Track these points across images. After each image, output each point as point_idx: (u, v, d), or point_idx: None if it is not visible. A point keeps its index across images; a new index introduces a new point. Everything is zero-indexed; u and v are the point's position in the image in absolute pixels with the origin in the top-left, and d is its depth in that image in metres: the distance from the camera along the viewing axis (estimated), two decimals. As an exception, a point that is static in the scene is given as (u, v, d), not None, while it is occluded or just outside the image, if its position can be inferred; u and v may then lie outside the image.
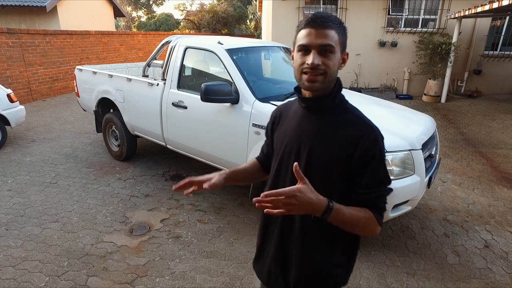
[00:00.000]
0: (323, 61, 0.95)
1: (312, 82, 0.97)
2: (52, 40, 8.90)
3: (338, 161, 1.00)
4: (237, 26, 27.45)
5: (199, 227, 3.02)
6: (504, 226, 3.10)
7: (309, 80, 0.97)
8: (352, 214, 0.97)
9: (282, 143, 1.12)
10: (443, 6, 8.81)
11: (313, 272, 1.10)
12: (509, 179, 4.08)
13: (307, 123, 1.07)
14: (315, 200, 0.90)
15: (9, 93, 4.99)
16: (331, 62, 0.96)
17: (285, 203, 0.87)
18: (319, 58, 0.95)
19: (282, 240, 1.14)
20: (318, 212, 0.92)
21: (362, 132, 0.99)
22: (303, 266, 1.10)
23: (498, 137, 5.72)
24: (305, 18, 0.99)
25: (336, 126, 1.02)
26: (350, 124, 1.02)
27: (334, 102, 1.04)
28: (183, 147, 3.57)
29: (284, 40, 6.63)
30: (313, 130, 1.04)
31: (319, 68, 0.95)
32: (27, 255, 2.60)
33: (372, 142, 0.99)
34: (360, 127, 1.01)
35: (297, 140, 1.07)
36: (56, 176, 4.02)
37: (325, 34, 0.95)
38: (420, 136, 2.68)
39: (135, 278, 2.39)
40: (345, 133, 1.00)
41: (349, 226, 0.99)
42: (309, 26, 0.96)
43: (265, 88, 3.30)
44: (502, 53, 9.10)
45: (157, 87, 3.65)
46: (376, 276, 2.45)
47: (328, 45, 0.95)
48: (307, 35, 0.96)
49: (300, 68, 0.98)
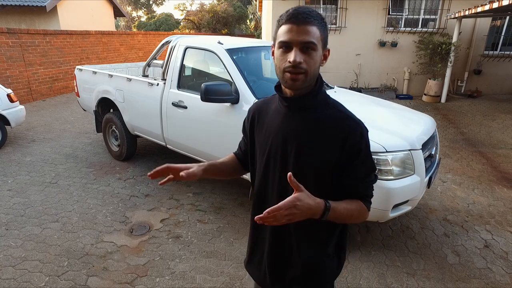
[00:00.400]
0: (304, 59, 0.93)
1: (294, 81, 0.95)
2: (52, 40, 8.90)
3: (327, 158, 1.00)
4: (237, 26, 27.45)
5: (199, 227, 3.02)
6: (504, 226, 3.10)
7: (291, 79, 0.95)
8: (346, 208, 1.00)
9: (266, 144, 1.10)
10: (443, 6, 8.82)
11: (309, 266, 1.12)
12: (509, 179, 4.08)
13: (291, 122, 1.05)
14: (314, 204, 0.91)
15: (9, 93, 4.99)
16: (312, 61, 0.94)
17: (286, 215, 0.88)
18: (301, 56, 0.93)
19: (275, 238, 1.14)
20: (317, 215, 0.93)
21: (348, 127, 1.00)
22: (299, 262, 1.11)
23: (498, 137, 5.72)
24: (286, 13, 0.96)
25: (321, 123, 1.02)
26: (335, 120, 1.01)
27: (316, 99, 1.03)
28: (183, 147, 3.57)
29: (284, 40, 6.61)
30: (298, 129, 1.03)
31: (300, 67, 0.93)
32: (27, 255, 2.60)
33: (359, 136, 0.99)
34: (345, 123, 1.01)
35: (283, 140, 1.05)
36: (56, 176, 4.02)
37: (307, 30, 0.92)
38: (420, 136, 2.68)
39: (135, 278, 2.39)
40: (331, 130, 1.00)
41: (343, 220, 1.03)
42: (290, 22, 0.94)
43: (265, 88, 3.30)
44: (502, 53, 9.10)
45: (157, 87, 3.65)
46: (376, 276, 2.45)
47: (310, 42, 0.92)
48: (288, 31, 0.93)
49: (282, 66, 0.96)
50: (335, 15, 9.02)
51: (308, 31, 0.92)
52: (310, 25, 0.93)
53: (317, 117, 1.03)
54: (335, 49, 8.59)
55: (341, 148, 0.99)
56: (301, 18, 0.93)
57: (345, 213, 1.00)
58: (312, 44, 0.93)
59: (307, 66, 0.94)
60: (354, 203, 1.03)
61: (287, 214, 0.87)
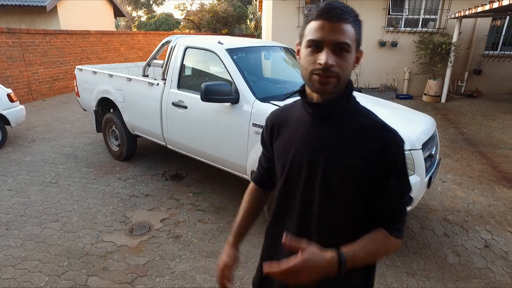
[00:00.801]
0: (337, 62, 0.82)
1: (323, 84, 0.84)
2: (52, 40, 8.90)
3: (359, 172, 0.88)
4: (237, 26, 27.45)
5: (199, 227, 3.02)
6: (504, 226, 3.10)
7: (320, 82, 0.83)
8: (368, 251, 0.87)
9: (288, 156, 0.98)
10: (443, 6, 8.81)
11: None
12: (509, 179, 4.08)
13: (318, 131, 0.93)
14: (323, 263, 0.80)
15: (9, 93, 4.99)
16: (345, 63, 0.83)
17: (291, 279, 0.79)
18: (333, 58, 0.81)
19: None
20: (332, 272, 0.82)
21: (383, 138, 0.88)
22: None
23: (498, 137, 5.72)
24: (317, 7, 0.83)
25: (352, 133, 0.90)
26: (369, 130, 0.90)
27: (346, 106, 0.92)
28: (183, 147, 3.57)
29: (284, 40, 6.63)
30: (326, 139, 0.91)
31: (332, 70, 0.81)
32: (27, 255, 2.60)
33: (395, 148, 0.88)
34: (380, 133, 0.89)
35: (309, 151, 0.93)
36: (56, 175, 4.02)
37: (341, 29, 0.81)
38: (420, 136, 2.68)
39: (135, 277, 2.39)
40: (364, 140, 0.88)
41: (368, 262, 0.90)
42: (323, 18, 0.81)
43: (265, 88, 3.30)
44: (502, 53, 9.09)
45: (157, 87, 3.65)
46: (376, 276, 2.44)
47: (344, 43, 0.81)
48: (320, 28, 0.81)
49: (310, 67, 0.84)
50: (335, 15, 9.01)
51: (343, 30, 0.81)
52: (345, 22, 0.81)
53: (347, 125, 0.91)
54: (335, 49, 8.49)
55: (375, 161, 0.87)
56: (335, 14, 0.81)
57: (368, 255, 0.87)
58: (346, 45, 0.82)
59: (340, 69, 0.82)
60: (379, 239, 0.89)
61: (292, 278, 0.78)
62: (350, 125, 0.91)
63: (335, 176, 0.90)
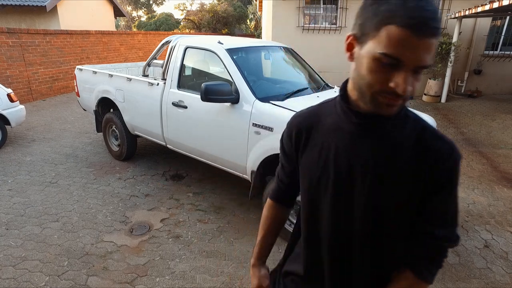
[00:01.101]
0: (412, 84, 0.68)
1: (390, 107, 0.71)
2: (52, 40, 8.90)
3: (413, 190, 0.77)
4: (237, 26, 27.46)
5: (199, 227, 3.02)
6: (504, 226, 3.10)
7: (388, 105, 0.70)
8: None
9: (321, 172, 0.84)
10: (443, 6, 8.81)
11: None
12: (509, 179, 4.08)
13: (362, 143, 0.79)
14: None
15: (9, 93, 4.99)
16: (418, 83, 0.69)
17: None
18: (411, 82, 0.67)
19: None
20: None
21: (440, 150, 0.76)
22: None
23: (498, 137, 5.72)
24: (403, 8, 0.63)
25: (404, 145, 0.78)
26: (423, 140, 0.78)
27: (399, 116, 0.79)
28: (183, 147, 3.57)
29: (284, 40, 6.64)
30: (374, 153, 0.78)
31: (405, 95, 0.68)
32: (27, 255, 2.60)
33: (452, 162, 0.76)
34: (436, 144, 0.77)
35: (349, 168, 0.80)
36: (56, 175, 4.02)
37: (430, 47, 0.64)
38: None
39: (135, 277, 2.39)
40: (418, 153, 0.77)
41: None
42: (411, 29, 0.62)
43: (265, 88, 3.30)
44: (502, 53, 9.10)
45: (157, 86, 3.65)
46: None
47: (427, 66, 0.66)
48: (404, 42, 0.63)
49: (376, 86, 0.69)
50: (335, 15, 9.00)
51: (431, 48, 0.64)
52: (435, 37, 0.64)
53: (398, 136, 0.78)
54: (335, 49, 8.62)
55: (427, 175, 0.76)
56: (429, 28, 0.62)
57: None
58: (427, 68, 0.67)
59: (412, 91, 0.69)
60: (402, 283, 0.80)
61: None
62: (401, 136, 0.79)
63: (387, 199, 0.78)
